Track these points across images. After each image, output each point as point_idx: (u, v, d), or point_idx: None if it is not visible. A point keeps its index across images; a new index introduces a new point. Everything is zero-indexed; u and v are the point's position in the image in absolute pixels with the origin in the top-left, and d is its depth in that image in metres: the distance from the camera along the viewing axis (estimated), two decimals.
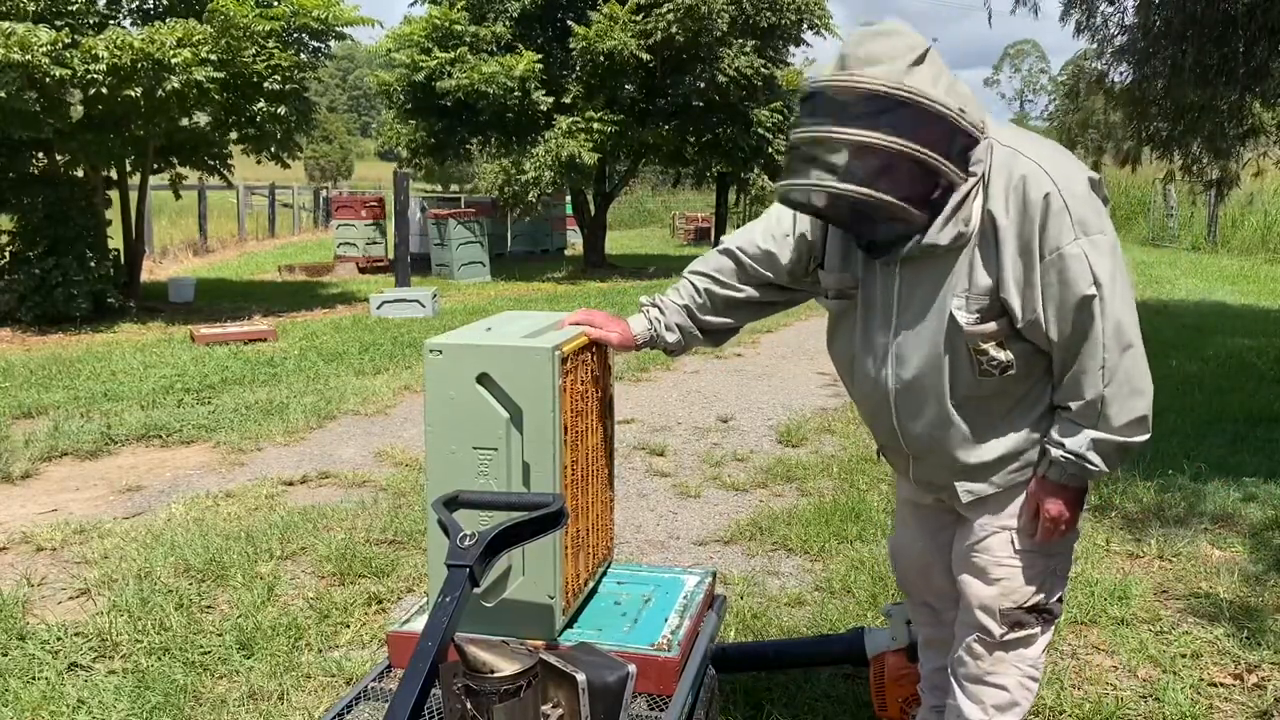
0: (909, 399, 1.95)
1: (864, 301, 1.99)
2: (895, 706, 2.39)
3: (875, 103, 1.68)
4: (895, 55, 1.70)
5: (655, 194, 38.68)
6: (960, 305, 1.84)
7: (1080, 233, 1.76)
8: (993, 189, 1.80)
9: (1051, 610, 2.02)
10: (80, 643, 3.12)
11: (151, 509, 4.56)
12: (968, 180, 1.78)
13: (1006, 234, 1.79)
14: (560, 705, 1.78)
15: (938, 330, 1.87)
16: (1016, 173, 1.78)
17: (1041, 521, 1.93)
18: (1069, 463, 1.86)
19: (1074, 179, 1.79)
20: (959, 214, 1.79)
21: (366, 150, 76.29)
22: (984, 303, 1.83)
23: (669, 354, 2.26)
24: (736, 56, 15.84)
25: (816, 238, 2.06)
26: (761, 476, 5.01)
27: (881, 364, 1.97)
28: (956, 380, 1.89)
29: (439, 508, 1.74)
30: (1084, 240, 1.76)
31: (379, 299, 11.33)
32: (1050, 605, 2.02)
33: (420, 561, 3.74)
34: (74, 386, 7.11)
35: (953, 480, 2.00)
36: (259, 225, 26.24)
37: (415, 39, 15.96)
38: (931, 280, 1.87)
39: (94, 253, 10.91)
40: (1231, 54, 7.75)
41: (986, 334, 1.84)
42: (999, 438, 1.93)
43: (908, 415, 1.98)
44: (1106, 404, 1.80)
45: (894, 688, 2.37)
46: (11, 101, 9.17)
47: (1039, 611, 2.01)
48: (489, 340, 2.05)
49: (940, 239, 1.79)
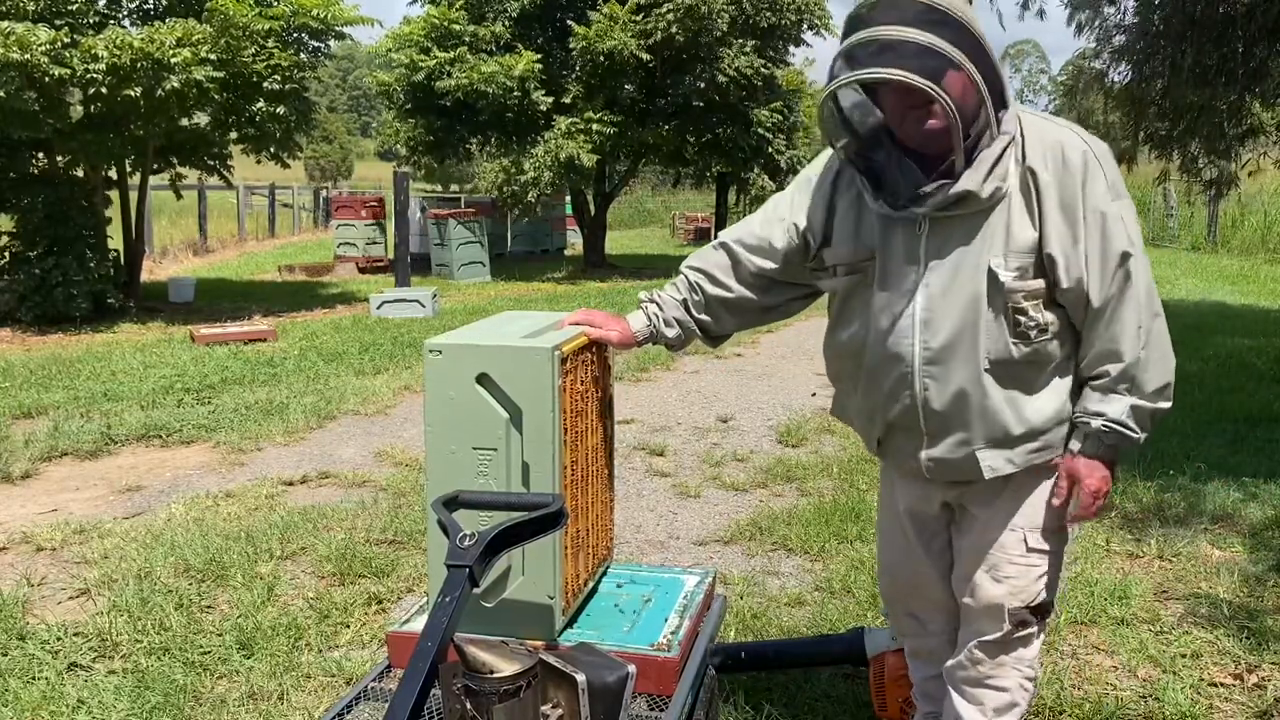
0: (937, 367, 1.89)
1: (882, 271, 1.93)
2: (895, 706, 2.39)
3: (938, 14, 1.69)
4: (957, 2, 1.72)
5: (655, 194, 38.68)
6: (1000, 264, 1.81)
7: (1116, 195, 1.82)
8: (1029, 149, 1.82)
9: (1047, 608, 2.04)
10: (80, 643, 3.12)
11: (151, 509, 4.56)
12: (1001, 137, 1.79)
13: (1048, 190, 1.80)
14: (560, 705, 1.78)
15: (974, 290, 1.83)
16: (1050, 136, 1.83)
17: (1082, 497, 1.92)
18: (1109, 433, 1.86)
19: (1102, 145, 1.86)
20: (996, 169, 1.79)
21: (366, 150, 76.34)
22: (1026, 260, 1.81)
23: (671, 349, 2.24)
24: (736, 56, 15.84)
25: (818, 218, 2.01)
26: (761, 476, 5.01)
27: (906, 334, 1.90)
28: (992, 344, 1.85)
29: (439, 508, 1.74)
30: (1120, 202, 1.82)
31: (379, 299, 11.33)
32: (1046, 601, 2.03)
33: (420, 561, 3.74)
34: (74, 386, 7.11)
35: (975, 452, 1.92)
36: (259, 225, 26.23)
37: (414, 39, 15.97)
38: (962, 238, 1.84)
39: (94, 253, 10.90)
40: (1231, 54, 7.76)
41: (1029, 291, 1.82)
42: (1027, 409, 1.90)
43: (934, 386, 1.90)
44: (1143, 368, 1.83)
45: (894, 688, 2.37)
46: (11, 101, 9.17)
47: (1042, 610, 2.02)
48: (489, 340, 2.05)
49: (982, 190, 1.78)
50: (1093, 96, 9.90)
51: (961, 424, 1.92)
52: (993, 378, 1.87)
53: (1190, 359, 7.72)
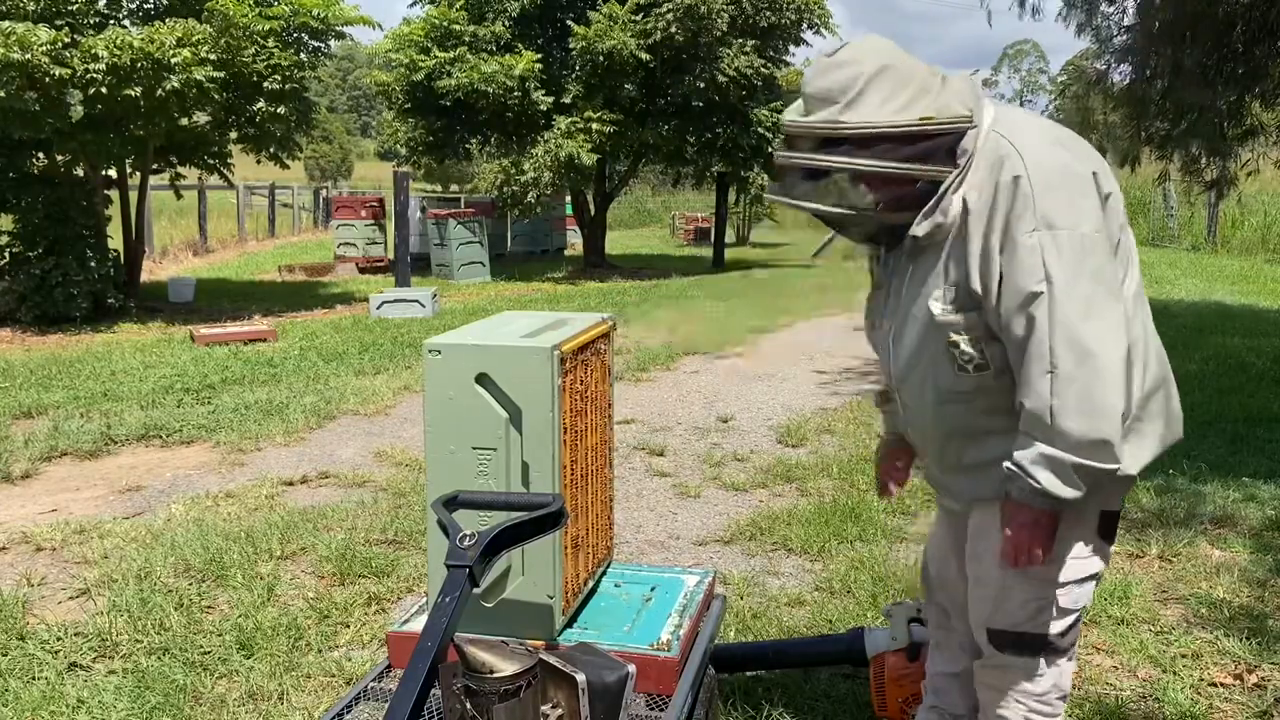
0: (905, 388, 1.96)
1: (881, 291, 2.03)
2: (895, 706, 2.39)
3: (820, 141, 1.82)
4: (839, 92, 1.79)
5: (655, 194, 38.69)
6: (938, 296, 1.83)
7: (1042, 224, 1.70)
8: (971, 177, 1.79)
9: (1053, 644, 1.91)
10: (80, 643, 3.12)
11: (151, 509, 4.56)
12: (952, 172, 1.79)
13: (975, 220, 1.77)
14: (560, 705, 1.78)
15: (922, 322, 1.87)
16: (995, 157, 1.77)
17: (1003, 543, 1.81)
18: (1016, 477, 1.74)
19: (1054, 167, 1.74)
20: (939, 206, 1.79)
21: (366, 150, 76.36)
22: (954, 293, 1.81)
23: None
24: (736, 56, 15.85)
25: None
26: (761, 476, 5.01)
27: (886, 352, 2.00)
28: (939, 374, 1.87)
29: (439, 508, 1.75)
30: (1044, 233, 1.69)
31: (379, 299, 11.34)
32: (1050, 639, 1.90)
33: (420, 561, 3.74)
34: (74, 386, 7.11)
35: (946, 478, 1.99)
36: (259, 225, 26.24)
37: (414, 39, 15.98)
38: (922, 272, 1.87)
39: (94, 253, 10.91)
40: (1231, 54, 7.76)
41: (957, 325, 1.81)
42: (985, 439, 1.87)
43: (906, 405, 1.99)
44: (1057, 417, 1.67)
45: (894, 688, 2.37)
46: (11, 101, 9.17)
47: (1033, 642, 1.91)
48: (488, 340, 2.05)
49: (918, 231, 1.81)
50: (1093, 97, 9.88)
51: (930, 445, 1.98)
52: (947, 409, 1.89)
53: (1190, 359, 7.71)
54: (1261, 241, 19.85)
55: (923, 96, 1.80)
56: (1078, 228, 1.71)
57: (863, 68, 1.79)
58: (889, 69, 1.79)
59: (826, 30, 17.70)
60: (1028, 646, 1.93)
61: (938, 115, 1.78)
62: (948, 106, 1.80)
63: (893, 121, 1.77)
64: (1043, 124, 1.89)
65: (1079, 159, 1.80)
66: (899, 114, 1.77)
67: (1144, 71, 8.33)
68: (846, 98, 1.78)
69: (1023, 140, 1.78)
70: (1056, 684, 1.96)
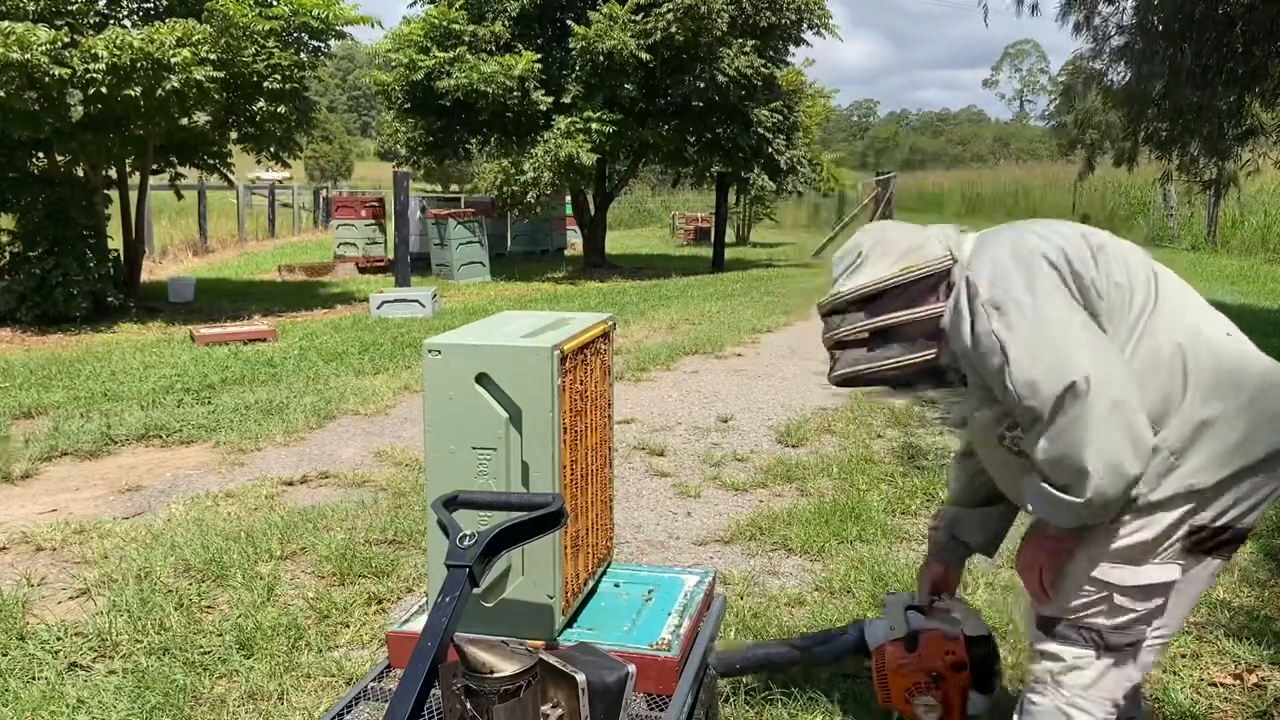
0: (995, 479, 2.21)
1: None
2: (899, 696, 2.37)
3: (831, 312, 2.12)
4: (841, 268, 2.10)
5: (655, 194, 38.72)
6: (971, 408, 2.05)
7: (989, 309, 1.87)
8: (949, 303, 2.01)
9: (1106, 638, 1.93)
10: (80, 643, 3.12)
11: (151, 509, 4.56)
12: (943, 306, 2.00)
13: (954, 339, 1.95)
14: (560, 705, 1.78)
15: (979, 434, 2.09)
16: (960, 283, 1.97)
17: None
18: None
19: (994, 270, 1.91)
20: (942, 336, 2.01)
21: (366, 150, 76.38)
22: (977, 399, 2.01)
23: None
24: (736, 56, 15.84)
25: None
26: (761, 476, 5.01)
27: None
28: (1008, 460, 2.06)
29: (439, 508, 1.75)
30: (992, 316, 1.87)
31: (379, 299, 11.34)
32: (1101, 628, 1.93)
33: (420, 561, 3.74)
34: (74, 386, 7.11)
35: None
36: (259, 225, 26.26)
37: (414, 38, 15.98)
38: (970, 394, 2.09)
39: (94, 253, 10.92)
40: (1230, 54, 7.76)
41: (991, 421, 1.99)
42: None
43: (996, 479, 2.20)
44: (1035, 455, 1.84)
45: (895, 678, 2.37)
46: (11, 101, 9.18)
47: (1084, 629, 1.94)
48: (488, 340, 2.05)
49: (940, 362, 2.02)
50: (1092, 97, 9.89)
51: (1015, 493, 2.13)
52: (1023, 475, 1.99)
53: None
54: (1261, 241, 19.85)
55: (910, 254, 2.02)
56: (1017, 301, 1.86)
57: (861, 246, 2.08)
58: (882, 241, 2.06)
59: (826, 30, 17.70)
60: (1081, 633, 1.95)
61: (916, 263, 2.01)
62: (927, 253, 2.01)
63: (879, 278, 2.02)
64: (1000, 230, 2.05)
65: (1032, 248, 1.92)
66: (884, 271, 2.02)
67: (1143, 71, 8.33)
68: (846, 271, 2.08)
69: (978, 256, 1.97)
70: (1102, 683, 1.95)
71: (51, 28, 9.57)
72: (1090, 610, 1.93)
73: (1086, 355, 1.78)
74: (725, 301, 12.64)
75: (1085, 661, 1.95)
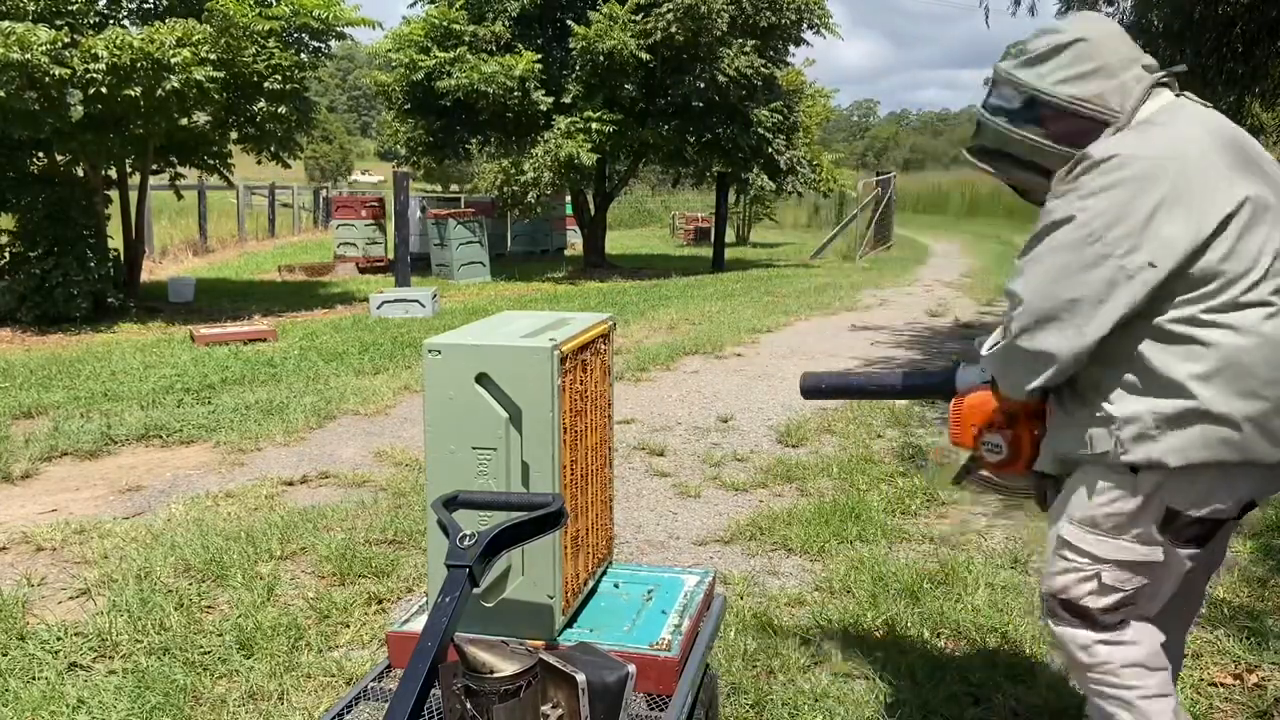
0: None
1: None
2: (969, 432, 2.29)
3: (993, 85, 2.02)
4: (1028, 49, 1.96)
5: (655, 194, 38.75)
6: None
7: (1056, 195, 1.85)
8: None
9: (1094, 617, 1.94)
10: (80, 643, 3.12)
11: (151, 509, 4.56)
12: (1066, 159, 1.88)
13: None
14: (560, 705, 1.78)
15: None
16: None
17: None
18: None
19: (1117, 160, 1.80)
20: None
21: (367, 150, 76.42)
22: None
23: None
24: (736, 56, 15.84)
25: None
26: (761, 476, 5.01)
27: None
28: None
29: (439, 508, 1.75)
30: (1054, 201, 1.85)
31: (379, 299, 11.34)
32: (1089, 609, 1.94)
33: (420, 561, 3.74)
34: (74, 386, 7.11)
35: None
36: (259, 225, 26.26)
37: (414, 39, 15.98)
38: None
39: (94, 253, 10.92)
40: (1230, 54, 7.75)
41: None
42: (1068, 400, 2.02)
43: None
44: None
45: (971, 412, 2.26)
46: (11, 101, 9.18)
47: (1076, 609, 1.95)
48: (488, 340, 2.05)
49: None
50: None
51: None
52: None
53: None
54: None
55: (1093, 79, 1.89)
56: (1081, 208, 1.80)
57: (1060, 37, 1.92)
58: (1082, 43, 1.90)
59: (826, 30, 17.71)
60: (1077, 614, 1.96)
61: (1085, 98, 1.89)
62: (1101, 96, 1.89)
63: (1039, 88, 1.91)
64: (1184, 113, 1.92)
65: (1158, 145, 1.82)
66: (1058, 87, 1.90)
67: None
68: (1027, 56, 1.95)
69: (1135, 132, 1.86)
70: (1112, 657, 1.95)
71: (51, 28, 9.58)
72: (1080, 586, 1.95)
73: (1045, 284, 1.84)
74: (725, 301, 12.63)
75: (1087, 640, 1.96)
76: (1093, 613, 1.94)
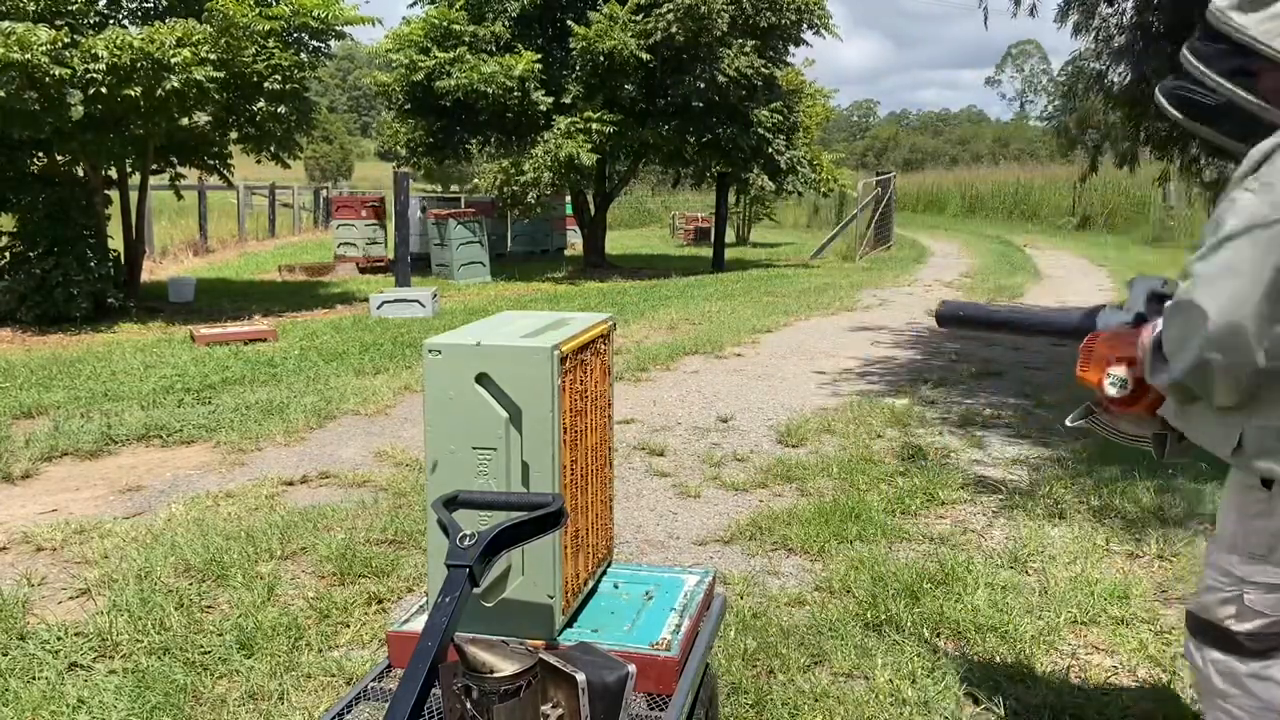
0: None
1: None
2: (1098, 366, 2.20)
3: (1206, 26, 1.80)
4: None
5: (655, 194, 38.73)
6: None
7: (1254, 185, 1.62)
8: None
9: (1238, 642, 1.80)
10: (80, 643, 3.12)
11: (151, 509, 4.56)
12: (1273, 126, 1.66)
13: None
14: (560, 705, 1.78)
15: None
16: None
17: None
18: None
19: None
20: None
21: (367, 150, 76.40)
22: None
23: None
24: (736, 56, 15.85)
25: None
26: (761, 476, 5.01)
27: None
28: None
29: (439, 508, 1.75)
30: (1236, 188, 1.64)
31: (379, 299, 11.35)
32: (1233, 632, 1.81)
33: (420, 561, 3.75)
34: (74, 386, 7.11)
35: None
36: (259, 225, 26.26)
37: (414, 39, 15.99)
38: None
39: (94, 253, 10.92)
40: None
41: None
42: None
43: None
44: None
45: (1103, 346, 2.16)
46: (11, 101, 9.18)
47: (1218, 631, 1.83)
48: (488, 340, 2.05)
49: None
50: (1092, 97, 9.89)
51: None
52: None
53: None
54: None
55: None
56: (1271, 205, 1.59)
57: None
58: None
59: (826, 30, 17.70)
60: (1207, 635, 1.85)
61: None
62: None
63: (1254, 36, 1.69)
64: None
65: None
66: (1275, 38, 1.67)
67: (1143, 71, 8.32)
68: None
69: None
70: (1259, 694, 1.80)
71: (51, 28, 9.57)
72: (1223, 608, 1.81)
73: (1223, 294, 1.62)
74: (725, 301, 12.64)
75: (1230, 667, 1.82)
76: (1238, 637, 1.80)
